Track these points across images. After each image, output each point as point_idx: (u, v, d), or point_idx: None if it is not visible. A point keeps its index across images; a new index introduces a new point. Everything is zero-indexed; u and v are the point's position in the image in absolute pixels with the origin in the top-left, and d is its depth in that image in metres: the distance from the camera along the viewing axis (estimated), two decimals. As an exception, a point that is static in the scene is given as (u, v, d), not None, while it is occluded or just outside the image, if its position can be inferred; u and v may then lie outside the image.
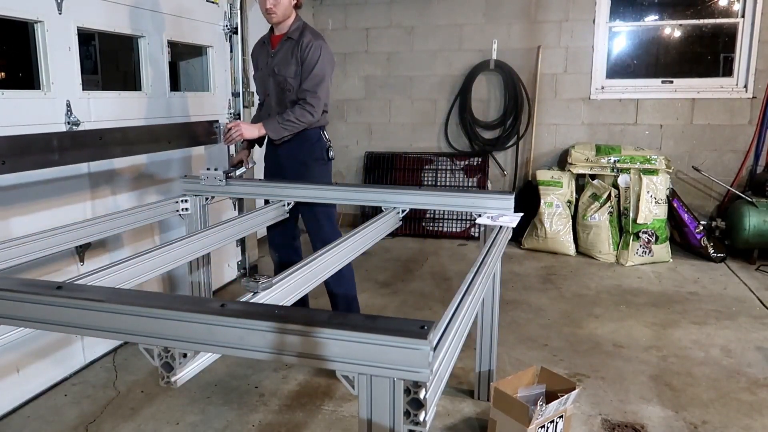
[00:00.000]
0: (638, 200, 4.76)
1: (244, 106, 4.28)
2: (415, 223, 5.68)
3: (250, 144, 3.09)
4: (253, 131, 2.87)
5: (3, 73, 5.39)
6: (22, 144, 1.87)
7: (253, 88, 4.42)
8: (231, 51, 4.15)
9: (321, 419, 2.52)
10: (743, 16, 5.13)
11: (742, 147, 5.23)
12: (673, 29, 5.53)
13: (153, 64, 3.34)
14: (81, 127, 2.79)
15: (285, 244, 3.19)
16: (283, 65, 2.88)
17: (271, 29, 2.98)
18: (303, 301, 3.14)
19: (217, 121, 2.81)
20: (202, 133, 2.73)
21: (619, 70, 5.53)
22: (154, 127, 2.77)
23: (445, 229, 5.70)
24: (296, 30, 2.89)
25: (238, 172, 2.99)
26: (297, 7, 2.91)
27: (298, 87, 2.87)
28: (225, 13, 4.05)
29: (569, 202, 5.09)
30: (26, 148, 1.88)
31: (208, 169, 2.93)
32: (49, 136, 1.97)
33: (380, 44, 5.80)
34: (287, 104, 2.91)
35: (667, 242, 4.85)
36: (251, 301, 1.55)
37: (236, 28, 4.11)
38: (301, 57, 2.84)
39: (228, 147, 2.91)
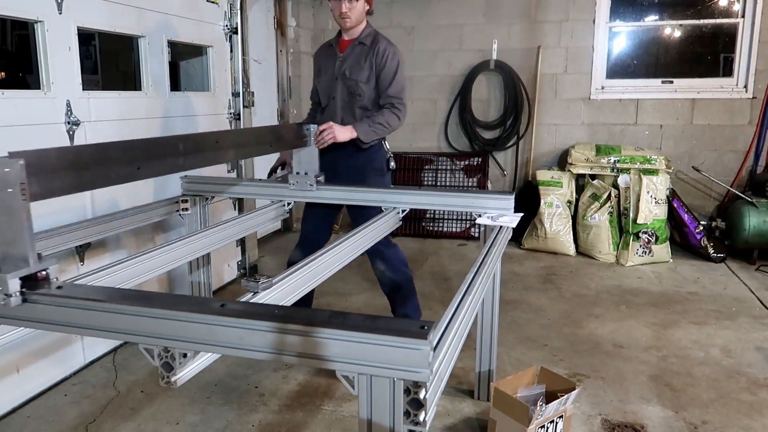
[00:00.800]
0: (638, 200, 4.76)
1: (244, 106, 4.28)
2: (415, 223, 5.68)
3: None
4: (345, 133, 2.82)
5: (3, 73, 5.39)
6: (154, 149, 1.85)
7: (253, 88, 4.45)
8: (231, 51, 4.14)
9: (321, 419, 2.52)
10: (743, 16, 5.13)
11: (742, 147, 5.23)
12: (673, 29, 5.53)
13: (153, 64, 3.34)
14: (81, 127, 2.79)
15: (318, 241, 3.02)
16: (355, 69, 2.87)
17: (338, 34, 2.97)
18: (307, 301, 3.15)
19: (307, 123, 2.76)
20: (294, 136, 2.69)
21: (619, 70, 5.53)
22: (258, 129, 2.74)
23: (445, 229, 5.70)
24: (368, 36, 2.90)
25: (280, 173, 2.94)
26: (369, 13, 2.92)
27: (371, 92, 2.88)
28: (225, 13, 4.05)
29: (569, 202, 5.09)
30: (158, 153, 1.86)
31: (297, 173, 2.82)
32: (175, 140, 1.94)
33: (380, 44, 5.79)
34: (355, 109, 2.90)
35: (667, 242, 4.85)
36: (251, 301, 1.55)
37: (236, 28, 4.11)
38: (378, 63, 2.85)
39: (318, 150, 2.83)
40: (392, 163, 3.03)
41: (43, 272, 1.42)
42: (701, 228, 4.93)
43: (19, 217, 1.33)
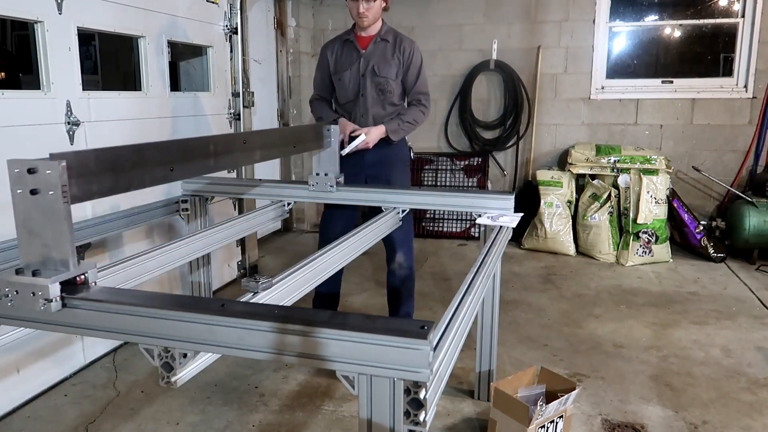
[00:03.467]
0: (638, 200, 4.76)
1: (244, 106, 4.28)
2: (415, 223, 5.66)
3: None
4: (377, 136, 2.90)
5: (3, 73, 5.39)
6: (187, 150, 1.83)
7: (253, 88, 4.45)
8: (231, 51, 4.15)
9: (321, 419, 2.52)
10: (743, 16, 5.13)
11: (742, 147, 5.23)
12: (673, 29, 5.53)
13: (153, 64, 3.34)
14: (81, 127, 2.79)
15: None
16: (384, 66, 2.91)
17: (351, 29, 2.99)
18: (334, 302, 3.18)
19: (328, 125, 2.75)
20: (316, 137, 2.68)
21: (619, 70, 5.53)
22: (283, 130, 2.73)
23: (445, 229, 5.70)
24: (388, 32, 2.96)
25: (356, 143, 2.86)
26: (385, 10, 2.96)
27: (399, 88, 2.95)
28: (225, 13, 4.05)
29: (569, 202, 5.09)
30: (190, 154, 1.84)
31: (317, 174, 2.80)
32: (207, 140, 1.93)
33: (380, 44, 5.79)
34: (386, 105, 2.95)
35: (667, 242, 4.85)
36: (251, 301, 1.55)
37: (236, 28, 4.11)
38: (404, 59, 2.92)
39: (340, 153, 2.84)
40: (412, 153, 3.17)
41: (82, 276, 1.39)
42: (701, 228, 4.93)
43: (60, 220, 1.30)
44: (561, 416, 2.19)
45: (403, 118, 2.93)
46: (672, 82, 5.36)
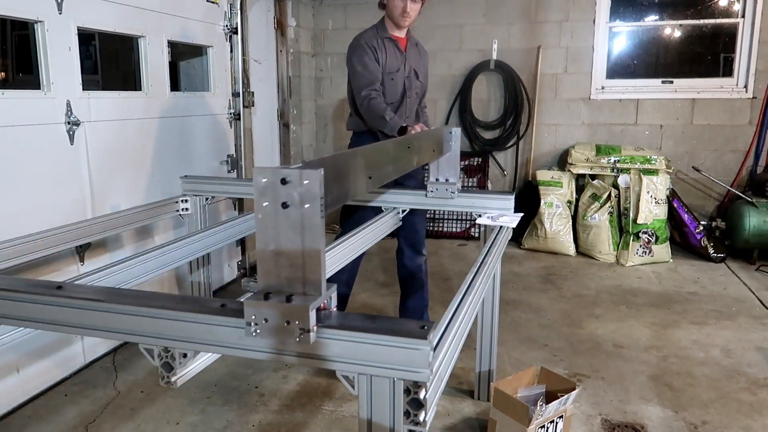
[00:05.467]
0: (638, 200, 4.76)
1: (244, 106, 4.28)
2: (415, 223, 5.67)
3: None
4: None
5: (2, 74, 5.39)
6: (379, 157, 1.68)
7: (253, 88, 4.45)
8: (231, 51, 4.15)
9: (321, 419, 2.52)
10: (743, 16, 5.13)
11: (742, 147, 5.23)
12: (673, 29, 5.53)
13: (153, 64, 3.34)
14: (81, 127, 2.79)
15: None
16: (420, 71, 3.01)
17: (383, 28, 2.94)
18: (343, 302, 3.18)
19: (451, 127, 2.68)
20: (443, 140, 2.61)
21: (619, 70, 5.53)
22: (431, 132, 2.56)
23: (445, 229, 5.70)
24: (413, 37, 3.05)
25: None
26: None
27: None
28: (225, 13, 4.05)
29: (569, 202, 5.09)
30: (381, 160, 1.68)
31: (437, 179, 2.69)
32: (386, 146, 1.81)
33: (380, 44, 5.79)
34: (416, 109, 3.05)
35: (667, 242, 4.85)
36: (251, 301, 1.54)
37: (236, 28, 4.11)
38: (426, 66, 3.07)
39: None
40: None
41: (325, 302, 1.23)
42: (701, 228, 4.93)
43: (315, 237, 1.13)
44: (561, 416, 2.19)
45: (428, 123, 3.11)
46: (672, 82, 5.36)
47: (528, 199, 5.19)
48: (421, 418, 1.18)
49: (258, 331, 1.16)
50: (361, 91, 2.80)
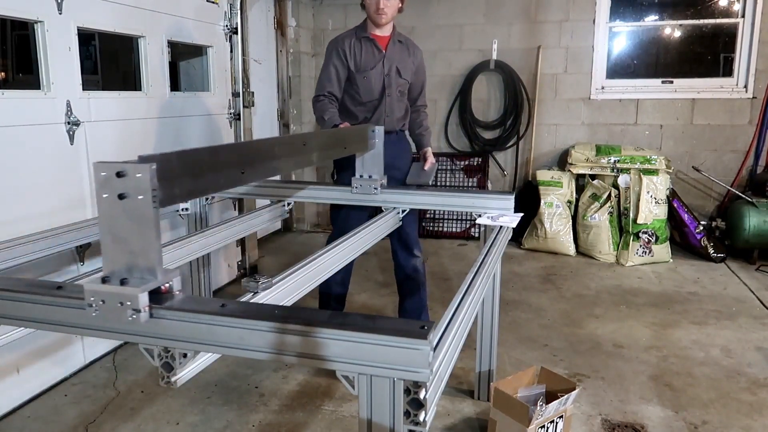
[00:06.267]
0: (638, 200, 4.76)
1: (244, 106, 4.28)
2: (415, 223, 5.67)
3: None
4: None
5: (2, 74, 5.39)
6: (256, 153, 1.80)
7: (253, 88, 4.45)
8: (231, 51, 4.15)
9: (321, 419, 2.52)
10: (743, 16, 5.13)
11: (742, 147, 5.23)
12: (673, 29, 5.53)
13: (153, 64, 3.34)
14: (81, 127, 2.79)
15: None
16: (404, 69, 2.98)
17: (363, 27, 2.95)
18: (341, 302, 3.19)
19: (373, 126, 2.73)
20: (364, 138, 2.65)
21: (619, 70, 5.53)
22: (336, 132, 2.64)
23: (445, 229, 5.70)
24: (400, 34, 3.01)
25: (432, 169, 3.05)
26: (400, 11, 2.96)
27: (409, 92, 3.08)
28: (225, 13, 4.05)
29: (569, 202, 5.09)
30: (259, 157, 1.81)
31: (361, 176, 2.75)
32: (272, 143, 1.91)
33: (380, 44, 5.79)
34: (402, 106, 3.03)
35: (667, 242, 4.85)
36: (251, 301, 1.55)
37: (236, 28, 4.11)
38: (416, 64, 3.03)
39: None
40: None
41: (167, 285, 1.32)
42: (701, 228, 4.93)
43: (148, 226, 1.23)
44: (561, 416, 2.19)
45: (426, 127, 3.14)
46: (672, 82, 5.36)
47: (528, 199, 5.19)
48: (421, 418, 1.18)
49: (97, 311, 1.28)
50: (316, 93, 2.99)
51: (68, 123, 2.74)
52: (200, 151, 1.49)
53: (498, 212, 2.57)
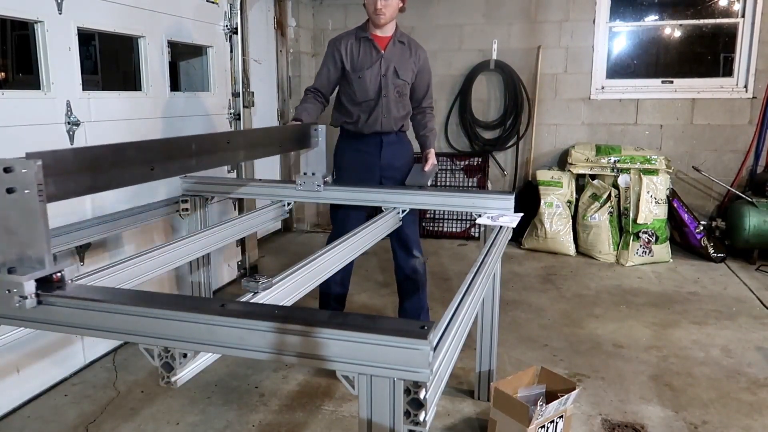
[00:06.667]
0: (638, 200, 4.76)
1: (244, 106, 4.27)
2: (415, 223, 5.67)
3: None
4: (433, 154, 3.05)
5: (2, 74, 5.39)
6: (168, 149, 1.84)
7: (253, 88, 4.45)
8: (231, 51, 4.14)
9: (321, 419, 2.52)
10: (743, 16, 5.13)
11: (742, 147, 5.23)
12: (673, 29, 5.52)
13: (153, 64, 3.34)
14: (81, 127, 2.79)
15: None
16: (404, 69, 2.94)
17: (364, 27, 2.95)
18: (341, 302, 3.19)
19: (316, 125, 2.75)
20: (303, 137, 2.67)
21: (619, 70, 5.53)
22: (268, 130, 2.73)
23: (445, 229, 5.70)
24: (403, 35, 2.99)
25: (432, 171, 3.03)
26: (401, 11, 2.94)
27: (413, 93, 3.05)
28: (225, 13, 4.05)
29: (569, 202, 5.09)
30: (171, 153, 1.84)
31: (305, 173, 2.80)
32: (189, 140, 1.93)
33: (380, 44, 5.79)
34: (400, 107, 2.99)
35: (667, 242, 4.85)
36: (251, 301, 1.55)
37: (236, 28, 4.11)
38: (419, 65, 2.99)
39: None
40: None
41: (58, 274, 1.40)
42: (701, 228, 4.93)
43: (35, 219, 1.32)
44: (561, 416, 2.19)
45: (431, 129, 3.09)
46: (672, 82, 5.36)
47: (528, 199, 5.19)
48: (421, 418, 1.18)
49: None
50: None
51: (68, 123, 2.74)
52: (102, 148, 1.58)
53: (498, 212, 2.57)
